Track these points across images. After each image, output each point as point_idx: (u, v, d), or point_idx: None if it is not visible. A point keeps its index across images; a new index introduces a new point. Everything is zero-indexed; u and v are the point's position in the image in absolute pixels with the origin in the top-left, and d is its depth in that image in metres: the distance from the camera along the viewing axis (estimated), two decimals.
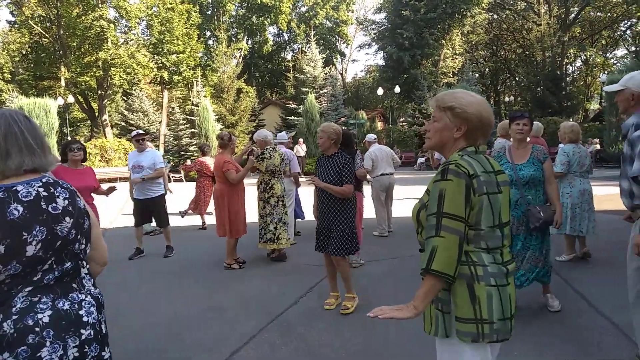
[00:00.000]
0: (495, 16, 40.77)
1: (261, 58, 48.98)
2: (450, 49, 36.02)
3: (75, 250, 1.61)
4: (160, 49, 30.58)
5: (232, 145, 6.11)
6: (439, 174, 1.73)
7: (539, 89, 35.55)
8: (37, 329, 1.46)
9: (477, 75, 36.64)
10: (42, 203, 1.54)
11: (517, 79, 42.85)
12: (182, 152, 28.36)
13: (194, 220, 9.88)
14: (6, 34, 39.68)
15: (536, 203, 3.88)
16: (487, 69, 44.18)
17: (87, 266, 1.71)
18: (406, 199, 12.03)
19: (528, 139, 4.13)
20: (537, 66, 37.43)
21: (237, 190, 6.02)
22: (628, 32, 38.34)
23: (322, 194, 4.34)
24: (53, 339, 1.48)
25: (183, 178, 23.53)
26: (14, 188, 1.53)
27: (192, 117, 29.48)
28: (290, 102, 34.86)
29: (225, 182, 5.91)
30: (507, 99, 41.03)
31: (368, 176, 7.09)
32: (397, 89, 32.06)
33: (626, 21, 36.86)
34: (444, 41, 35.62)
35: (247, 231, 6.20)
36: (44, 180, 1.61)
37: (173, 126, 30.12)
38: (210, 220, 8.52)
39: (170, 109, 31.59)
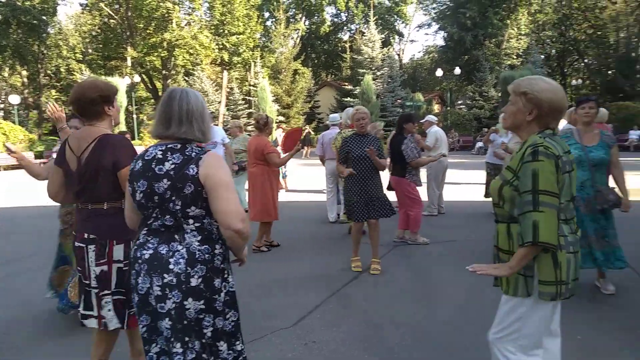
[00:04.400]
0: None
1: (318, 39, 48.96)
2: (516, 29, 34.49)
3: (171, 208, 1.86)
4: (222, 30, 31.29)
5: (269, 128, 6.01)
6: (530, 155, 1.88)
7: (609, 72, 33.45)
8: (140, 261, 1.91)
9: (543, 57, 34.88)
10: (153, 163, 1.89)
11: (586, 61, 40.44)
12: None
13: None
14: (78, 16, 41.89)
15: (601, 185, 3.96)
16: (554, 51, 41.97)
17: (197, 224, 1.89)
18: (461, 183, 11.86)
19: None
20: (610, 48, 35.21)
21: (276, 172, 6.08)
22: None
23: (361, 171, 4.84)
24: (145, 273, 1.89)
25: None
26: (149, 148, 1.97)
27: (250, 98, 30.08)
28: (346, 84, 34.77)
29: (266, 164, 5.80)
30: (574, 82, 38.80)
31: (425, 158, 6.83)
32: (457, 71, 31.22)
33: None
34: (509, 21, 34.21)
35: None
36: (169, 145, 1.93)
37: (232, 106, 30.88)
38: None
39: (229, 90, 32.37)
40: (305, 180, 13.46)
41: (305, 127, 6.99)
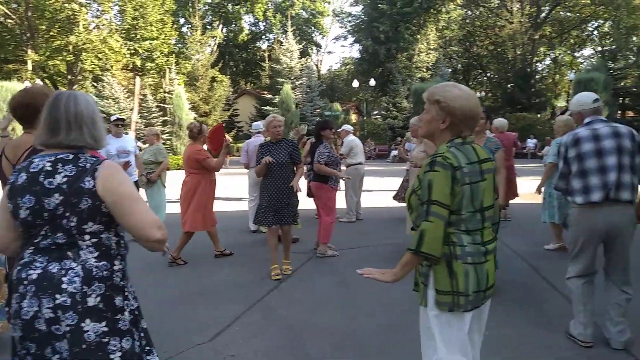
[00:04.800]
0: (469, 12, 41.37)
1: (236, 47, 48.47)
2: (425, 43, 36.43)
3: (64, 225, 1.69)
4: (133, 35, 29.94)
5: (203, 137, 5.86)
6: (428, 165, 1.88)
7: (509, 85, 36.36)
8: (25, 282, 1.68)
9: (450, 70, 37.15)
10: (41, 176, 1.70)
11: (488, 75, 43.67)
12: None
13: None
14: None
15: None
16: (459, 65, 44.85)
17: (94, 240, 1.74)
18: (377, 190, 12.26)
19: (490, 133, 4.56)
20: (508, 63, 38.25)
21: (212, 181, 5.88)
22: (595, 32, 39.54)
23: (274, 176, 4.95)
24: (32, 295, 1.66)
25: None
26: (34, 159, 1.75)
27: (165, 105, 29.05)
28: (265, 92, 34.72)
29: (201, 173, 5.69)
30: (478, 94, 41.72)
31: (342, 167, 7.04)
32: (372, 82, 32.36)
33: (594, 22, 37.98)
34: (419, 36, 36.04)
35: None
36: (60, 156, 1.74)
37: (145, 114, 29.61)
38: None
39: (142, 96, 31.01)
40: (226, 189, 13.20)
41: (225, 136, 6.80)
